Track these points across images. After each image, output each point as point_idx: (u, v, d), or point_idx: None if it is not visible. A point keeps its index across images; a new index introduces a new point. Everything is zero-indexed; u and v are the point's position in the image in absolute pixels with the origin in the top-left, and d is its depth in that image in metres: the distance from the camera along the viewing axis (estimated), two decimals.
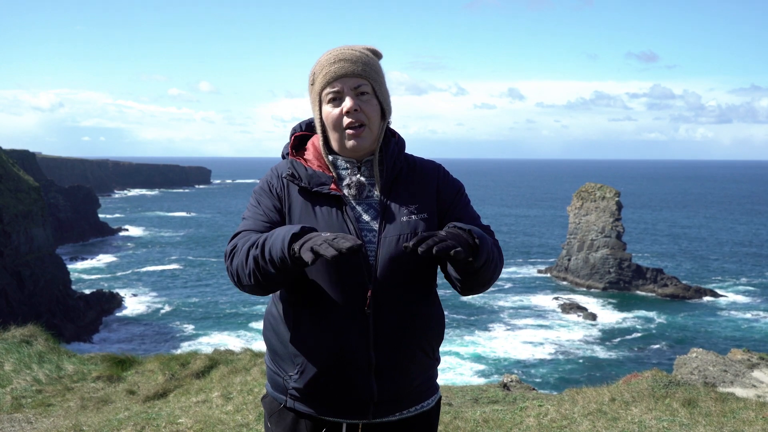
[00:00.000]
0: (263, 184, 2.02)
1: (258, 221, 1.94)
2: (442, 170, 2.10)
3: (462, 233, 1.77)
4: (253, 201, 2.00)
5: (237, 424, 4.73)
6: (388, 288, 1.88)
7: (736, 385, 6.91)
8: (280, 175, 2.00)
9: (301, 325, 1.92)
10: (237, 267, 1.83)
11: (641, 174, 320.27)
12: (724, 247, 75.34)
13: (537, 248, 73.16)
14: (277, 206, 1.96)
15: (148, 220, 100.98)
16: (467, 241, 1.75)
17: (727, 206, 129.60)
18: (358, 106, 1.91)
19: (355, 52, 1.94)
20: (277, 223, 1.93)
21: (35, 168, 65.83)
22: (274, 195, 1.97)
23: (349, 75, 1.91)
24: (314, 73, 1.96)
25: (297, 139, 2.08)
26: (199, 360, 6.80)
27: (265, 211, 1.95)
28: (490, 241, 1.86)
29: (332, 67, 1.92)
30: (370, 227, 1.93)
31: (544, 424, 4.66)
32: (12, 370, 6.89)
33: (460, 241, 1.71)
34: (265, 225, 1.92)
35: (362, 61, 1.94)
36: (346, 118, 1.91)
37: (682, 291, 50.83)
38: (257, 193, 2.01)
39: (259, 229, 1.90)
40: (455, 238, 1.71)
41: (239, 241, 1.87)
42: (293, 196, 1.96)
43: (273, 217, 1.94)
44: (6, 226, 40.71)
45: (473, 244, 1.76)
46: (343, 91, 1.91)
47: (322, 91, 1.94)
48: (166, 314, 45.02)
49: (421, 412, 2.04)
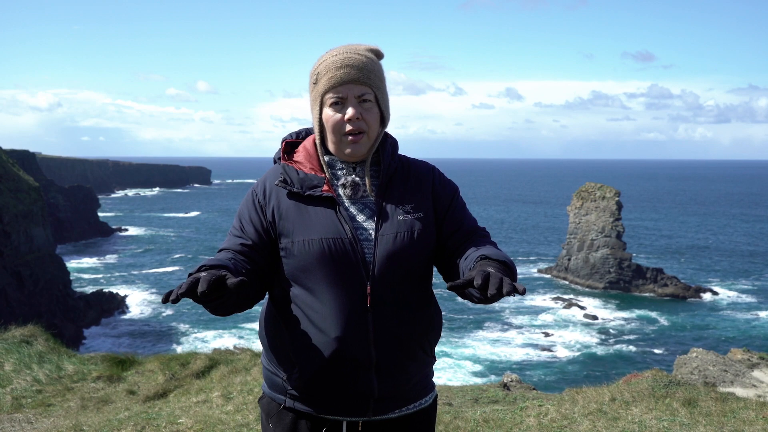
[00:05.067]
0: (248, 196, 2.05)
1: (233, 237, 1.98)
2: (437, 171, 2.13)
3: (498, 266, 1.75)
4: (238, 212, 2.04)
5: (237, 424, 4.73)
6: (387, 285, 1.89)
7: (736, 385, 6.91)
8: (269, 183, 2.02)
9: (300, 324, 1.93)
10: None
11: (641, 174, 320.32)
12: (725, 247, 75.37)
13: (537, 248, 73.17)
14: (254, 218, 1.98)
15: (148, 220, 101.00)
16: (507, 270, 1.75)
17: (727, 206, 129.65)
18: (360, 114, 1.93)
19: (362, 58, 1.95)
20: (252, 236, 1.96)
21: (35, 168, 65.83)
22: (255, 205, 2.00)
23: (354, 82, 1.92)
24: (318, 73, 1.96)
25: (288, 144, 2.09)
26: (199, 360, 6.80)
27: (243, 224, 1.99)
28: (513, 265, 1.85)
29: (338, 72, 1.92)
30: (365, 226, 1.95)
31: (545, 424, 4.66)
32: (12, 370, 6.89)
33: (503, 270, 1.72)
34: (237, 241, 1.95)
35: (368, 68, 1.95)
36: (348, 125, 1.93)
37: (682, 291, 50.85)
38: (241, 205, 2.05)
39: (231, 247, 1.94)
40: (498, 268, 1.71)
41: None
42: (283, 201, 1.97)
43: (248, 231, 1.97)
44: (6, 226, 40.72)
45: (510, 275, 1.75)
46: (347, 98, 1.92)
47: (325, 93, 1.94)
48: (166, 314, 45.04)
49: (420, 409, 2.06)
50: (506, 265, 1.78)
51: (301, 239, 1.90)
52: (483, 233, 2.07)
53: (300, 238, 1.91)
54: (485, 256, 1.81)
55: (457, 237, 2.02)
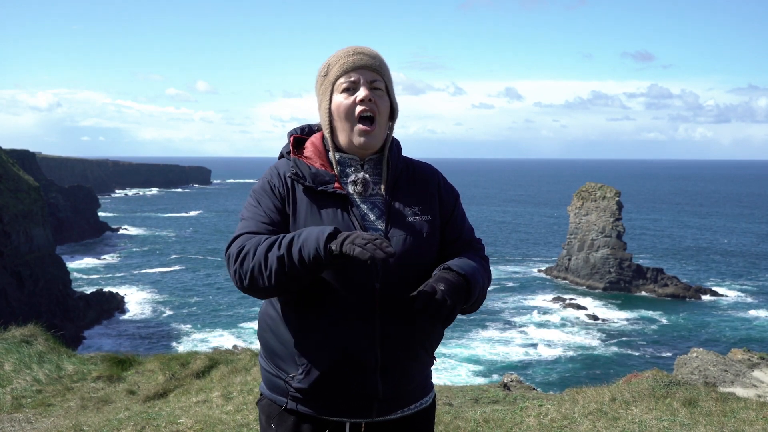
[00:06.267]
0: (263, 184, 1.99)
1: (258, 222, 1.90)
2: (441, 174, 2.15)
3: (457, 279, 1.83)
4: (253, 201, 1.97)
5: (237, 424, 4.73)
6: (395, 287, 1.88)
7: (736, 385, 6.91)
8: (282, 174, 1.98)
9: (305, 325, 1.91)
10: (251, 269, 1.78)
11: (641, 174, 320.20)
12: (725, 247, 75.34)
13: (537, 248, 73.11)
14: (278, 206, 1.93)
15: (148, 219, 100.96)
16: (463, 286, 1.83)
17: (728, 206, 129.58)
18: (372, 97, 1.94)
19: (372, 50, 2.00)
20: (278, 223, 1.91)
21: (35, 168, 65.82)
22: (275, 195, 1.95)
23: (367, 68, 1.95)
24: (329, 65, 1.99)
25: (295, 140, 2.08)
26: (199, 360, 6.79)
27: (266, 212, 1.92)
28: (480, 281, 1.92)
29: (351, 58, 1.95)
30: (375, 226, 1.94)
31: (545, 424, 4.65)
32: (12, 370, 6.88)
33: (455, 289, 1.80)
34: (266, 226, 1.89)
35: (379, 58, 1.99)
36: (359, 107, 1.93)
37: (683, 291, 50.83)
38: (257, 193, 1.98)
39: (261, 231, 1.88)
40: (449, 286, 1.79)
41: (246, 243, 1.83)
42: (298, 195, 1.94)
43: (274, 218, 1.91)
44: (6, 226, 40.70)
45: (467, 288, 1.84)
46: (359, 82, 1.94)
47: (337, 80, 1.96)
48: (166, 314, 45.01)
49: (421, 409, 2.06)
50: (465, 278, 1.84)
51: None
52: (478, 246, 2.11)
53: None
54: (447, 267, 1.87)
55: (456, 246, 2.04)
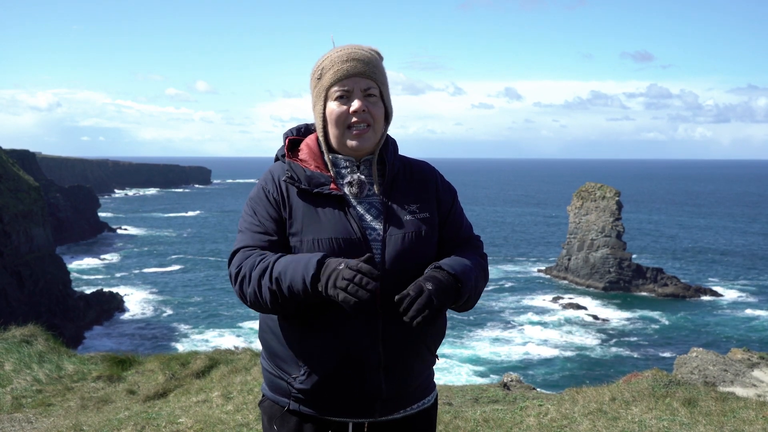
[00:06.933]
0: (258, 191, 1.99)
1: (254, 233, 1.93)
2: (438, 172, 2.14)
3: (447, 278, 1.84)
4: (249, 210, 1.98)
5: (237, 424, 4.73)
6: (396, 286, 1.88)
7: (736, 385, 6.91)
8: (277, 179, 1.99)
9: (306, 326, 1.91)
10: (251, 294, 1.85)
11: (641, 174, 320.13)
12: (725, 247, 75.32)
13: (537, 248, 73.07)
14: (273, 214, 1.94)
15: (148, 220, 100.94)
16: (452, 286, 1.83)
17: (728, 205, 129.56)
18: (366, 107, 1.93)
19: (366, 53, 1.96)
20: (274, 231, 1.92)
21: (35, 168, 65.81)
22: (270, 201, 1.95)
23: (361, 75, 1.93)
24: (323, 68, 1.96)
25: (290, 142, 2.08)
26: (199, 360, 6.79)
27: (261, 221, 1.94)
28: (472, 278, 1.93)
29: (344, 66, 1.92)
30: (373, 226, 1.94)
31: (545, 424, 4.66)
32: (12, 370, 6.89)
33: (444, 288, 1.81)
34: (262, 236, 1.92)
35: (373, 63, 1.96)
36: (353, 117, 1.92)
37: (682, 291, 50.83)
38: (252, 201, 1.99)
39: (257, 243, 1.91)
40: (437, 285, 1.80)
41: (243, 263, 1.87)
42: (293, 198, 1.94)
43: (269, 227, 1.93)
44: (6, 226, 40.70)
45: (456, 288, 1.85)
46: (353, 91, 1.93)
47: (331, 87, 1.94)
48: (166, 314, 45.00)
49: (423, 409, 2.06)
50: (455, 278, 1.85)
51: (310, 238, 1.89)
52: (476, 243, 2.11)
53: (309, 237, 1.89)
54: (438, 266, 1.88)
55: (455, 243, 2.05)
